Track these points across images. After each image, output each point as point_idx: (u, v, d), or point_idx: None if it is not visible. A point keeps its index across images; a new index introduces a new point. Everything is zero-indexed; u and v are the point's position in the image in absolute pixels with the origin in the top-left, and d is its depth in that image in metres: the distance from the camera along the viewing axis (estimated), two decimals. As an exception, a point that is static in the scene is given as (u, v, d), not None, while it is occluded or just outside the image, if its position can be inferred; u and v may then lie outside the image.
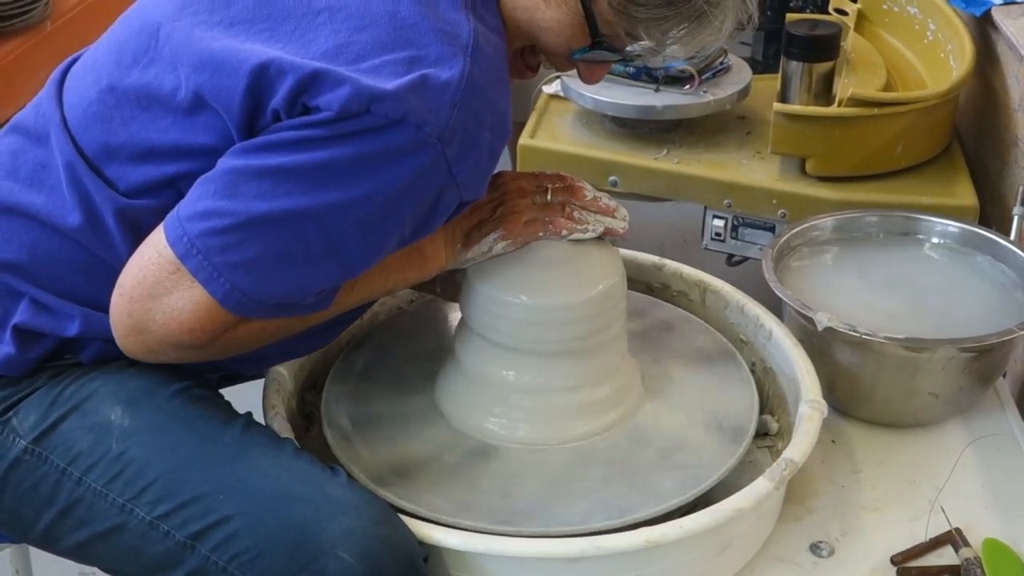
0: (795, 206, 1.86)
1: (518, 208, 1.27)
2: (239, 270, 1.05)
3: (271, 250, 1.05)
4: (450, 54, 1.05)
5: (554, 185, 1.30)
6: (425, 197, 1.08)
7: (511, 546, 1.11)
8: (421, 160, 1.05)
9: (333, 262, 1.08)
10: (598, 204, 1.30)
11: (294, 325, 1.16)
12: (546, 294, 1.25)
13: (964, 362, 1.34)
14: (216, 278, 1.05)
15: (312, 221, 1.05)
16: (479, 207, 1.25)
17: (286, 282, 1.07)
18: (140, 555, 1.11)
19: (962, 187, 1.84)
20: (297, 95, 1.03)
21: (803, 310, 1.36)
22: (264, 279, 1.06)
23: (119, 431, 1.12)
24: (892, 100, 1.81)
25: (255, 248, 1.05)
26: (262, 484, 1.09)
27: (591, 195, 1.30)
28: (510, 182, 1.29)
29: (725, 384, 1.36)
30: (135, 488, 1.10)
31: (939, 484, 1.32)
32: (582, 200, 1.30)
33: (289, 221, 1.04)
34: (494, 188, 1.27)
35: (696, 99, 1.99)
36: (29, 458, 1.14)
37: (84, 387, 1.16)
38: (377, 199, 1.05)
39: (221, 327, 1.08)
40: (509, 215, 1.26)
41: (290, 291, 1.08)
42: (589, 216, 1.29)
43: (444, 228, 1.21)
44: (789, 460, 1.19)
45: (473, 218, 1.25)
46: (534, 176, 1.31)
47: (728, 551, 1.17)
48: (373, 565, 1.04)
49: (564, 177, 1.31)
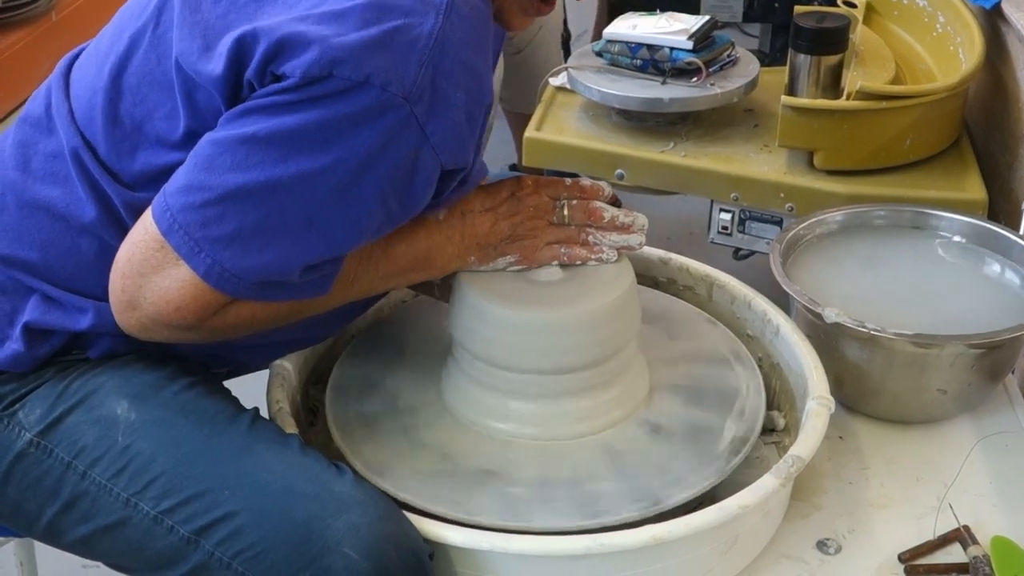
0: (803, 200, 1.85)
1: (537, 231, 1.26)
2: (219, 244, 1.04)
3: (249, 223, 1.04)
4: (422, 11, 1.04)
5: (571, 201, 1.27)
6: (399, 160, 1.06)
7: (516, 543, 1.10)
8: (390, 121, 1.03)
9: (313, 234, 1.06)
10: (615, 224, 1.28)
11: (288, 314, 1.15)
12: (547, 309, 1.23)
13: (973, 358, 1.33)
14: (197, 253, 1.04)
15: (286, 191, 1.04)
16: (496, 225, 1.24)
17: (267, 256, 1.06)
18: (144, 550, 1.10)
19: (971, 181, 1.83)
20: (266, 64, 1.02)
21: (811, 305, 1.35)
22: (244, 253, 1.05)
23: (125, 425, 1.12)
24: (901, 93, 1.80)
25: (233, 221, 1.04)
26: (267, 480, 1.08)
27: (609, 216, 1.27)
28: (528, 197, 1.26)
29: (731, 380, 1.35)
30: (140, 482, 1.10)
31: (947, 481, 1.31)
32: (600, 223, 1.27)
33: (264, 192, 1.03)
34: (513, 203, 1.25)
35: (703, 92, 1.98)
36: (34, 451, 1.14)
37: (90, 381, 1.16)
38: (349, 164, 1.04)
39: (208, 307, 1.07)
40: (527, 238, 1.25)
41: (272, 266, 1.06)
42: (606, 242, 1.27)
43: (459, 238, 1.21)
44: (796, 457, 1.18)
45: (490, 235, 1.24)
46: (552, 186, 1.28)
47: (734, 548, 1.17)
48: (378, 562, 1.04)
49: (584, 188, 1.28)
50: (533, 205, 1.26)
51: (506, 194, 1.25)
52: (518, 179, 1.27)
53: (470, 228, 1.23)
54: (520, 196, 1.26)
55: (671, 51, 1.99)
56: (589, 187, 1.28)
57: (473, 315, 1.24)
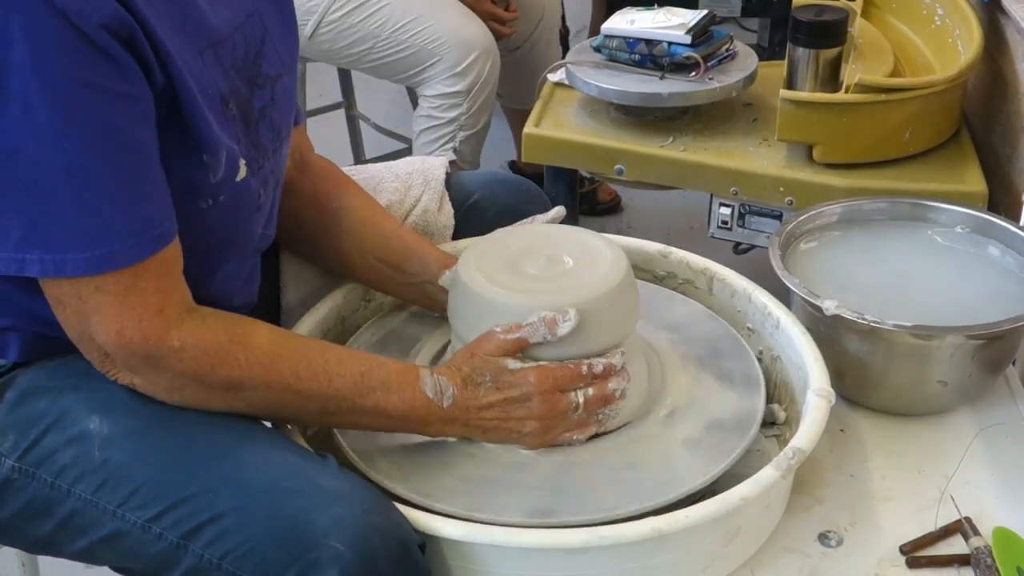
0: (802, 193, 1.85)
1: (549, 431, 1.20)
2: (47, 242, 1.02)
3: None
4: None
5: (588, 391, 1.20)
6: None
7: (516, 537, 1.10)
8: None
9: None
10: (623, 391, 1.23)
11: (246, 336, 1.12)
12: (545, 298, 1.22)
13: (973, 350, 1.33)
14: (58, 266, 1.03)
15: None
16: (503, 425, 1.19)
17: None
18: (140, 556, 1.11)
19: (971, 173, 1.83)
20: None
21: (810, 298, 1.35)
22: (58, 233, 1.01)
23: (99, 439, 1.12)
24: (900, 86, 1.80)
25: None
26: (250, 478, 1.08)
27: (619, 391, 1.22)
28: (543, 395, 1.18)
29: (732, 373, 1.35)
30: (123, 493, 1.10)
31: (949, 473, 1.31)
32: (612, 404, 1.22)
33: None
34: (524, 406, 1.18)
35: (702, 86, 1.98)
36: (18, 476, 1.14)
37: (57, 403, 1.15)
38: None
39: (129, 313, 1.05)
40: (536, 435, 1.20)
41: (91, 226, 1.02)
42: (611, 412, 1.23)
43: (460, 428, 1.19)
44: (796, 449, 1.18)
45: (494, 435, 1.20)
46: (571, 380, 1.19)
47: (736, 540, 1.17)
48: (366, 552, 1.04)
49: (599, 374, 1.20)
50: (549, 404, 1.19)
51: (517, 394, 1.18)
52: (533, 377, 1.18)
53: (475, 424, 1.19)
54: (533, 396, 1.18)
55: (669, 46, 1.99)
56: (604, 370, 1.21)
57: (472, 307, 1.24)
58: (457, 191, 1.54)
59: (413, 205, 1.51)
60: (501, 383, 1.18)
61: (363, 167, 1.57)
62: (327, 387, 1.13)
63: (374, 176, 1.53)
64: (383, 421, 1.17)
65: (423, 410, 1.17)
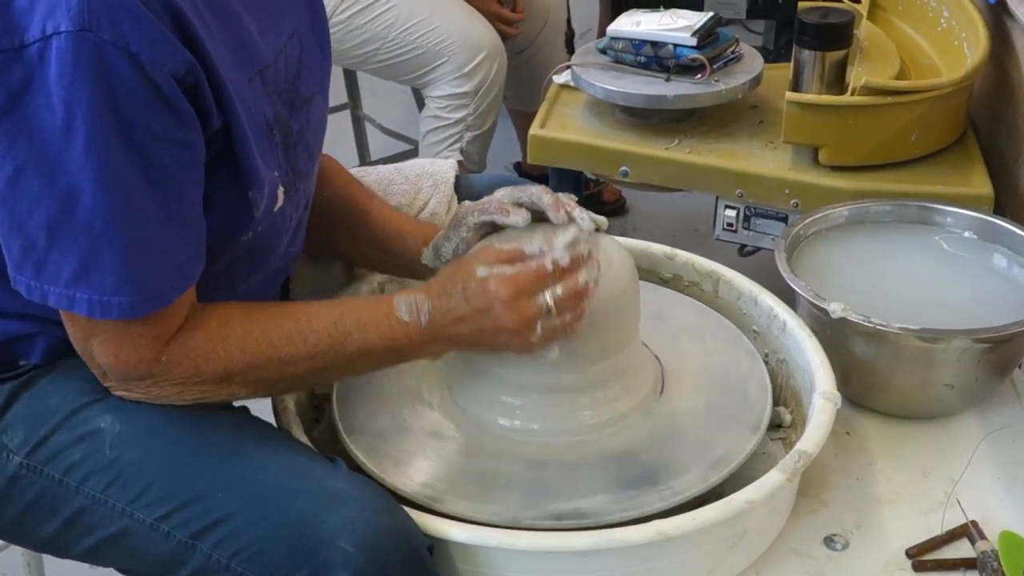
0: (808, 196, 1.84)
1: (529, 329, 1.13)
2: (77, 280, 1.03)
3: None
4: None
5: (556, 289, 1.13)
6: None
7: (522, 540, 1.10)
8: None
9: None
10: (596, 279, 1.17)
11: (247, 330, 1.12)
12: None
13: (979, 353, 1.33)
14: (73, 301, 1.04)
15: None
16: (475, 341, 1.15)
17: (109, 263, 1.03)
18: (147, 556, 1.11)
19: (977, 176, 1.82)
20: None
21: (817, 300, 1.35)
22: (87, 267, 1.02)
23: (111, 437, 1.12)
24: (905, 88, 1.80)
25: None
26: (260, 480, 1.08)
27: (592, 280, 1.15)
28: (503, 315, 1.12)
29: (738, 375, 1.35)
30: (132, 492, 1.10)
31: (955, 476, 1.31)
32: (588, 297, 1.15)
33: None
34: (483, 329, 1.14)
35: (708, 88, 1.98)
36: (25, 473, 1.14)
37: (69, 402, 1.15)
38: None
39: (128, 342, 1.07)
40: (517, 345, 1.15)
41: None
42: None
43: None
44: (802, 452, 1.18)
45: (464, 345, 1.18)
46: (534, 281, 1.13)
47: (742, 543, 1.17)
48: (375, 554, 1.04)
49: (573, 265, 1.14)
50: (516, 314, 1.12)
51: (481, 304, 1.12)
52: (493, 285, 1.12)
53: (455, 338, 1.16)
54: (495, 305, 1.12)
55: (675, 48, 1.99)
56: (571, 262, 1.14)
57: None
58: (465, 193, 1.55)
59: (422, 208, 1.51)
60: (468, 293, 1.13)
61: (372, 168, 1.57)
62: (304, 346, 1.12)
63: (384, 177, 1.53)
64: (374, 360, 1.16)
65: (404, 337, 1.14)
